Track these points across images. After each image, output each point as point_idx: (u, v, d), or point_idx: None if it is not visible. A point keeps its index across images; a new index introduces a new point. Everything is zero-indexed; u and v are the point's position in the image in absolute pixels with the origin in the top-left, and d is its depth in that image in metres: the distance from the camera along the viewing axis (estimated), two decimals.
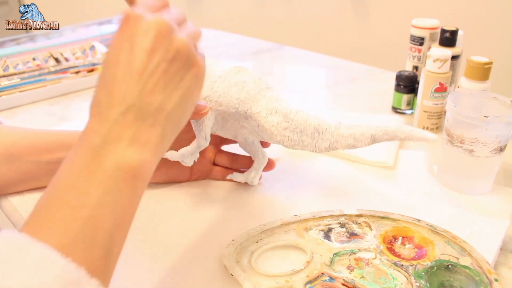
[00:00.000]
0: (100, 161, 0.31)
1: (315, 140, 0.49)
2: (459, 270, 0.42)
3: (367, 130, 0.48)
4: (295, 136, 0.49)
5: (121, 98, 0.32)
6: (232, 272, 0.42)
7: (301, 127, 0.49)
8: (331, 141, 0.49)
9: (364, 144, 0.48)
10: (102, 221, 0.30)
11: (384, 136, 0.48)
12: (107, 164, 0.31)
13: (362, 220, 0.49)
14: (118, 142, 0.32)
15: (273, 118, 0.49)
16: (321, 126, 0.49)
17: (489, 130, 0.51)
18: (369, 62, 1.04)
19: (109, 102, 0.32)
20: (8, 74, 0.85)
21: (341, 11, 1.70)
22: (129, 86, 0.32)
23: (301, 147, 0.50)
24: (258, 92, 0.49)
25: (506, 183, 0.58)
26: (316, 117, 0.49)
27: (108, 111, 0.32)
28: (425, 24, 0.74)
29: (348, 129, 0.48)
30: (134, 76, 0.32)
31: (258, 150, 0.54)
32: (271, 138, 0.50)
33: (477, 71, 0.62)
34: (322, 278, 0.41)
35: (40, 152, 0.53)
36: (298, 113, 0.49)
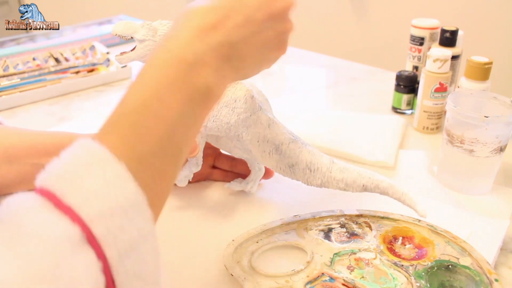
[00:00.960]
0: (190, 80, 0.31)
1: (307, 176, 0.48)
2: (459, 270, 0.42)
3: (360, 178, 0.47)
4: (286, 168, 0.48)
5: (229, 29, 0.33)
6: (232, 272, 0.42)
7: (293, 161, 0.48)
8: (322, 181, 0.48)
9: (355, 190, 0.47)
10: (177, 138, 0.31)
11: (376, 189, 0.47)
12: (194, 86, 0.31)
13: (362, 220, 0.49)
14: (207, 66, 0.32)
15: (265, 147, 0.48)
16: (313, 164, 0.47)
17: (489, 130, 0.51)
18: (369, 62, 1.04)
19: (214, 24, 0.32)
20: (8, 74, 0.85)
21: (341, 11, 1.70)
22: (240, 26, 0.33)
23: (294, 178, 0.49)
24: (249, 115, 0.47)
25: (506, 183, 0.58)
26: (309, 152, 0.48)
27: (210, 32, 0.32)
28: (425, 24, 0.74)
29: (340, 173, 0.47)
30: (249, 22, 0.33)
31: (255, 162, 0.54)
32: (264, 163, 0.50)
33: (477, 71, 0.62)
34: (322, 278, 0.41)
35: (39, 154, 0.53)
36: (289, 145, 0.48)
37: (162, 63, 0.32)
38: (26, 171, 0.53)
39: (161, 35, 0.51)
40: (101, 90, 0.88)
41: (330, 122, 0.71)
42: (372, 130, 0.68)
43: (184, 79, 0.31)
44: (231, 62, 0.34)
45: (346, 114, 0.74)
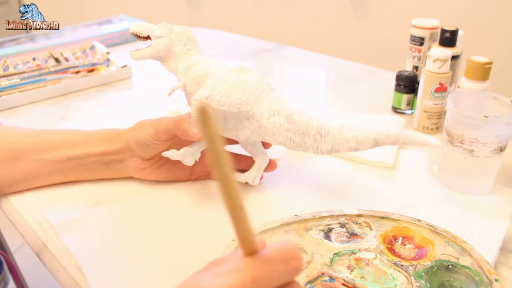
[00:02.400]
0: None
1: (317, 142, 0.49)
2: (459, 270, 0.42)
3: (370, 133, 0.48)
4: (297, 138, 0.49)
5: None
6: None
7: (304, 129, 0.49)
8: (333, 144, 0.49)
9: (366, 147, 0.48)
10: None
11: (387, 140, 0.48)
12: None
13: (362, 220, 0.49)
14: None
15: (276, 119, 0.49)
16: (324, 128, 0.49)
17: (489, 130, 0.51)
18: (369, 62, 1.04)
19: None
20: (8, 74, 0.85)
21: (341, 11, 1.70)
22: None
23: (303, 149, 0.50)
24: (261, 92, 0.49)
25: (506, 183, 0.58)
26: (319, 119, 0.49)
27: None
28: (425, 24, 0.74)
29: (350, 132, 0.48)
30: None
31: (260, 151, 0.54)
32: (273, 139, 0.50)
33: (477, 71, 0.62)
34: (322, 278, 0.41)
35: (43, 149, 0.53)
36: (300, 115, 0.49)
37: None
38: (30, 167, 0.53)
39: (177, 33, 0.53)
40: (101, 90, 0.88)
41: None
42: None
43: None
44: None
45: (346, 114, 0.74)
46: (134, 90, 0.89)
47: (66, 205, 0.53)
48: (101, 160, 0.55)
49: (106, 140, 0.54)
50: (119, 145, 0.54)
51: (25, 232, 0.50)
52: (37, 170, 0.54)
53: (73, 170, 0.55)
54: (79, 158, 0.54)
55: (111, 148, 0.54)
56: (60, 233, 0.48)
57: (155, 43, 0.53)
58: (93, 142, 0.54)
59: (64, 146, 0.54)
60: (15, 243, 1.33)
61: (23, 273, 1.00)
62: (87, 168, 0.55)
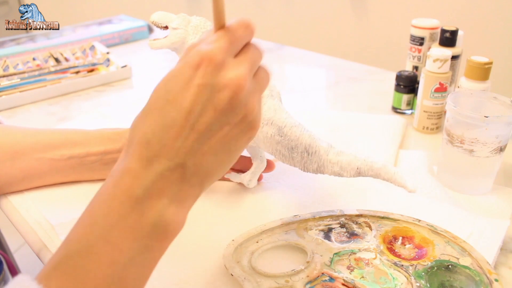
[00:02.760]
0: (140, 217, 0.29)
1: (304, 159, 0.48)
2: (459, 270, 0.42)
3: (355, 161, 0.47)
4: (286, 152, 0.49)
5: (174, 152, 0.29)
6: (232, 272, 0.42)
7: (293, 144, 0.48)
8: (318, 164, 0.48)
9: (349, 174, 0.47)
10: (129, 280, 0.28)
11: (369, 172, 0.47)
12: (146, 222, 0.29)
13: (362, 220, 0.49)
14: (159, 198, 0.29)
15: (268, 129, 0.49)
16: (312, 147, 0.48)
17: (489, 130, 0.51)
18: (369, 62, 1.04)
19: (159, 150, 0.29)
20: (8, 74, 0.85)
21: (341, 11, 1.70)
22: (185, 142, 0.30)
23: (292, 164, 0.50)
24: None
25: (506, 183, 0.58)
26: (309, 136, 0.48)
27: (156, 161, 0.29)
28: (425, 24, 0.74)
29: (336, 156, 0.47)
30: (194, 132, 0.30)
31: (258, 154, 0.54)
32: (264, 148, 0.50)
33: (477, 71, 0.62)
34: (322, 278, 0.41)
35: (44, 148, 0.53)
36: (292, 128, 0.48)
37: (110, 199, 0.29)
38: (30, 166, 0.53)
39: (194, 26, 0.54)
40: (101, 90, 0.88)
41: (330, 122, 0.71)
42: (372, 130, 0.68)
43: (134, 216, 0.29)
44: (189, 181, 0.30)
45: (346, 114, 0.74)
46: (134, 90, 0.89)
47: (66, 205, 0.53)
48: (101, 159, 0.55)
49: (106, 140, 0.54)
50: (119, 145, 0.54)
51: (25, 232, 0.50)
52: (37, 169, 0.54)
53: (73, 169, 0.55)
54: (79, 157, 0.54)
55: (112, 148, 0.54)
56: (60, 234, 0.48)
57: (172, 34, 0.53)
58: (93, 141, 0.54)
59: (65, 145, 0.54)
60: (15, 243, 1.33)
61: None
62: (88, 168, 0.55)
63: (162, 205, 0.29)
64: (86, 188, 0.56)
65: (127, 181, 0.29)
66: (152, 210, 0.29)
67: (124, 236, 0.28)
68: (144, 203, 0.29)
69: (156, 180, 0.29)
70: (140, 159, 0.29)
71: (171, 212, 0.30)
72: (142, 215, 0.29)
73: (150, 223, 0.29)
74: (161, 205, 0.29)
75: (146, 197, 0.29)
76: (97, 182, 0.57)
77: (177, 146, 0.29)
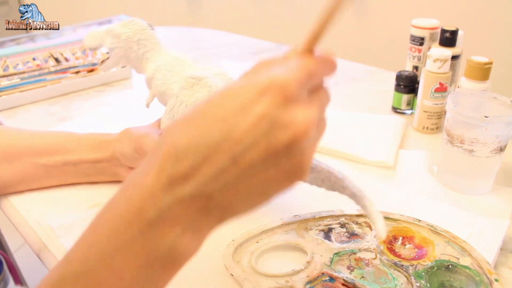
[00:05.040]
0: (148, 243, 0.25)
1: None
2: (459, 270, 0.42)
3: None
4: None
5: (204, 180, 0.25)
6: (232, 272, 0.42)
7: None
8: None
9: None
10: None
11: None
12: (155, 250, 0.25)
13: (362, 220, 0.49)
14: (174, 225, 0.25)
15: None
16: None
17: (489, 130, 0.51)
18: (369, 62, 1.04)
19: (187, 173, 0.25)
20: (8, 74, 0.85)
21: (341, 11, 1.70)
22: (221, 174, 0.25)
23: None
24: None
25: (506, 183, 0.58)
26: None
27: (180, 183, 0.25)
28: (425, 24, 0.74)
29: None
30: (235, 166, 0.25)
31: None
32: None
33: (477, 71, 0.62)
34: (322, 278, 0.41)
35: (38, 153, 0.53)
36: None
37: (117, 217, 0.26)
38: (26, 170, 0.53)
39: (124, 39, 0.52)
40: (101, 90, 0.88)
41: (330, 122, 0.71)
42: (372, 130, 0.68)
43: (141, 241, 0.25)
44: (211, 215, 0.26)
45: (346, 114, 0.74)
46: (134, 90, 0.89)
47: (66, 206, 0.53)
48: (94, 166, 0.54)
49: (97, 147, 0.54)
50: (108, 154, 0.54)
51: (25, 232, 0.50)
52: (33, 174, 0.54)
53: (68, 174, 0.55)
54: (73, 164, 0.54)
55: (102, 156, 0.54)
56: (60, 236, 0.48)
57: (111, 55, 0.53)
58: (85, 148, 0.54)
59: (58, 152, 0.53)
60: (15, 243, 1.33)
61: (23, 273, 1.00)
62: (83, 173, 0.55)
63: (174, 234, 0.25)
64: (86, 189, 0.56)
65: (140, 199, 0.25)
66: (163, 238, 0.25)
67: (128, 263, 0.25)
68: (154, 229, 0.25)
69: (174, 205, 0.25)
70: (161, 175, 0.25)
71: (183, 242, 0.26)
72: (150, 241, 0.25)
73: (158, 252, 0.25)
74: (173, 233, 0.25)
75: (158, 221, 0.25)
76: (96, 183, 0.57)
77: (210, 174, 0.25)
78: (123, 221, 0.25)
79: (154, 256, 0.25)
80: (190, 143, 0.25)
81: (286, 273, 0.42)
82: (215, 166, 0.25)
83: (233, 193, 0.25)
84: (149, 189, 0.25)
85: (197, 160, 0.25)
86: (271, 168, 0.25)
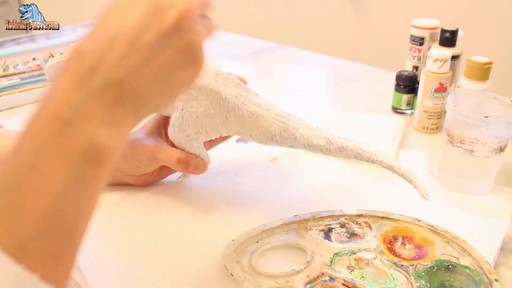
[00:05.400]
0: (68, 141, 0.26)
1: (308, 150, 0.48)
2: (459, 270, 0.42)
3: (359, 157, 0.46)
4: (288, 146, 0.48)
5: (109, 67, 0.27)
6: (232, 272, 0.42)
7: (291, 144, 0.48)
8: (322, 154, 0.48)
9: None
10: (68, 213, 0.26)
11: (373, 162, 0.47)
12: (75, 146, 0.26)
13: (362, 220, 0.49)
14: (90, 119, 0.26)
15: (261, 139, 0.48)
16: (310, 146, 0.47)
17: (489, 130, 0.51)
18: (369, 62, 1.04)
19: (93, 65, 0.27)
20: (8, 74, 0.85)
21: (341, 11, 1.70)
22: (124, 58, 0.27)
23: None
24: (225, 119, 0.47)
25: (506, 183, 0.58)
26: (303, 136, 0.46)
27: (88, 77, 0.27)
28: (425, 24, 0.74)
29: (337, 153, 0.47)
30: (135, 49, 0.28)
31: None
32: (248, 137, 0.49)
33: (477, 71, 0.62)
34: (322, 278, 0.41)
35: None
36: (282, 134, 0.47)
37: (37, 125, 0.26)
38: None
39: None
40: None
41: (330, 122, 0.71)
42: (372, 130, 0.68)
43: (62, 140, 0.26)
44: (124, 105, 0.28)
45: (346, 114, 0.74)
46: None
47: None
48: None
49: None
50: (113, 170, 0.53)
51: None
52: None
53: None
54: None
55: None
56: None
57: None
58: None
59: None
60: None
61: None
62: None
63: (92, 127, 0.26)
64: None
65: (54, 101, 0.26)
66: (81, 133, 0.26)
67: (53, 163, 0.25)
68: (72, 126, 0.26)
69: (86, 100, 0.26)
70: (69, 77, 0.27)
71: (103, 135, 0.27)
72: (70, 138, 0.26)
73: (79, 148, 0.26)
74: (91, 127, 0.26)
75: (74, 118, 0.26)
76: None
77: (113, 62, 0.27)
78: (43, 127, 0.26)
79: (76, 152, 0.26)
80: (91, 42, 0.28)
81: (286, 273, 0.42)
82: (116, 53, 0.27)
83: (139, 79, 0.28)
84: (62, 91, 0.27)
85: (98, 52, 0.27)
86: (167, 49, 0.29)
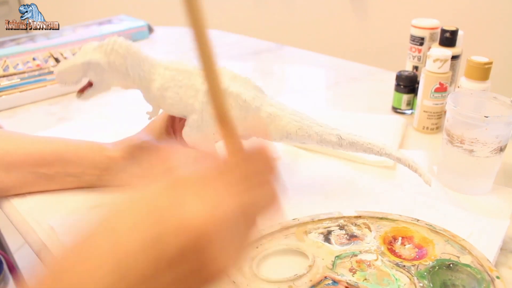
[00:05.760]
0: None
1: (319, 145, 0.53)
2: (461, 269, 0.42)
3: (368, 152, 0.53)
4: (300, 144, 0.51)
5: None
6: (233, 279, 0.41)
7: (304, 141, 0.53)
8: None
9: None
10: None
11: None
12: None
13: (361, 221, 0.48)
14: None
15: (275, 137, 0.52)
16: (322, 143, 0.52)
17: (489, 130, 0.51)
18: (369, 62, 1.04)
19: None
20: (8, 74, 0.85)
21: (341, 11, 1.70)
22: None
23: None
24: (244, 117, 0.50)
25: (506, 183, 0.57)
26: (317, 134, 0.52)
27: None
28: (425, 24, 0.74)
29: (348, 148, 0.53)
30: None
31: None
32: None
33: (477, 71, 0.62)
34: (325, 282, 0.41)
35: (36, 163, 0.52)
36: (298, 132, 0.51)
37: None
38: (26, 178, 0.53)
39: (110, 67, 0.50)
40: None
41: (330, 122, 0.71)
42: (372, 130, 0.68)
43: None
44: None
45: (346, 114, 0.74)
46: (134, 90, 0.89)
47: (66, 206, 0.53)
48: (98, 178, 0.54)
49: (98, 162, 0.53)
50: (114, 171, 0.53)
51: (25, 232, 0.50)
52: (33, 181, 0.53)
53: (71, 183, 0.54)
54: (75, 176, 0.53)
55: (106, 173, 0.53)
56: (60, 236, 0.48)
57: (97, 85, 0.50)
58: (87, 161, 0.53)
59: (57, 163, 0.53)
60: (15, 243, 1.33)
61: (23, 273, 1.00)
62: (87, 183, 0.54)
63: None
64: (87, 189, 0.56)
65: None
66: None
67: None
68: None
69: None
70: None
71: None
72: None
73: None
74: None
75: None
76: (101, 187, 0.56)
77: None
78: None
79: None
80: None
81: (289, 278, 0.42)
82: None
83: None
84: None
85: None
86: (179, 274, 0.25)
